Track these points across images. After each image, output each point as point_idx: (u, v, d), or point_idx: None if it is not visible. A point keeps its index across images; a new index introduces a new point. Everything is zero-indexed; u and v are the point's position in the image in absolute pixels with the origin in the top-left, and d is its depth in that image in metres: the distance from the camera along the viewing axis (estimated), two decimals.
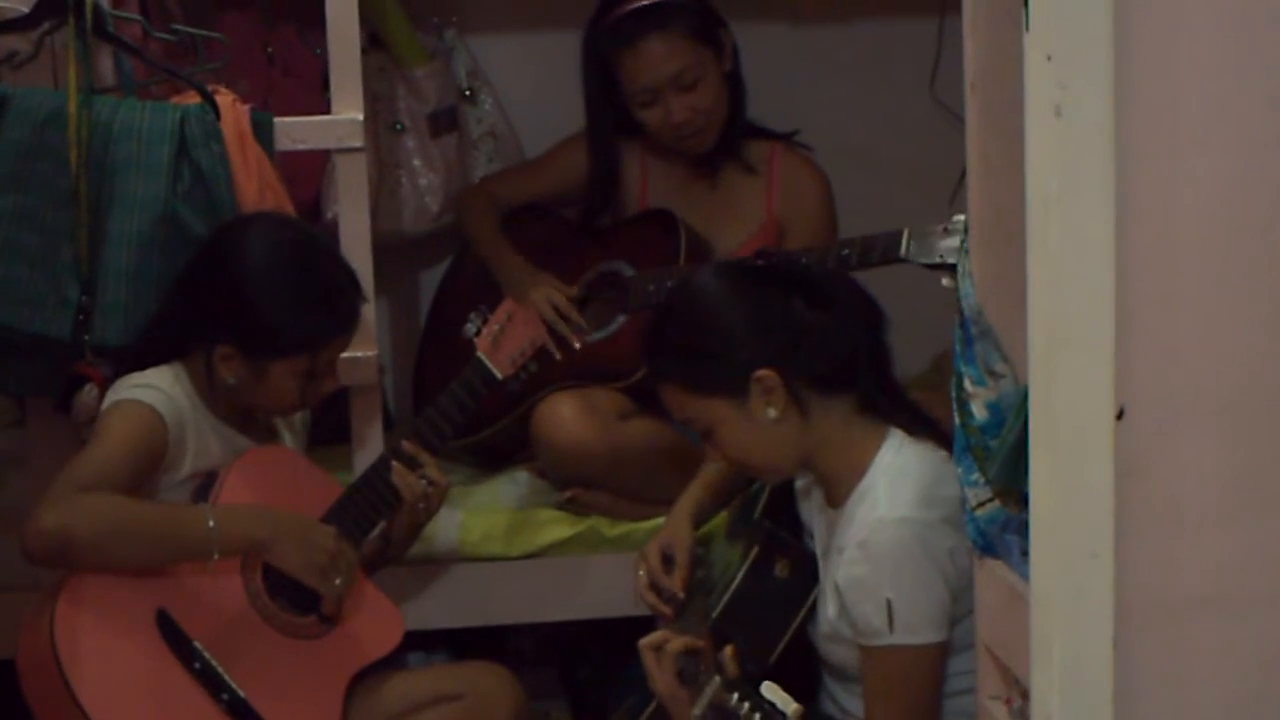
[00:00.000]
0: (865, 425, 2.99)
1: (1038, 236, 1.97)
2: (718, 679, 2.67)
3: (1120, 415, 1.98)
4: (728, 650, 2.71)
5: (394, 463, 3.37)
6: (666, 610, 3.25)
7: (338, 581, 3.16)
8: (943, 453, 2.92)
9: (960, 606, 2.87)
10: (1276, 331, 2.00)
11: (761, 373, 2.92)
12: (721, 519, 3.45)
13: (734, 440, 2.97)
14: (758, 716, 2.58)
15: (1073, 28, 1.90)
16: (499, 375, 3.44)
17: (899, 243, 3.42)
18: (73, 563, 3.03)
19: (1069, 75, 1.91)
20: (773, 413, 2.93)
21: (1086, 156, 1.91)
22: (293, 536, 3.12)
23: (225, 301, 3.17)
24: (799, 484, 3.18)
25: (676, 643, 2.84)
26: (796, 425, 2.95)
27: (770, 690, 2.59)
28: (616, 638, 3.12)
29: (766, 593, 3.12)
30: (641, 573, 3.30)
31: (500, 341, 3.46)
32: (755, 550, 3.16)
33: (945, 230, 3.32)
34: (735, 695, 2.63)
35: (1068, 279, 1.94)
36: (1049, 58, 1.91)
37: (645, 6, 3.91)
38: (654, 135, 3.99)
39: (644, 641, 2.90)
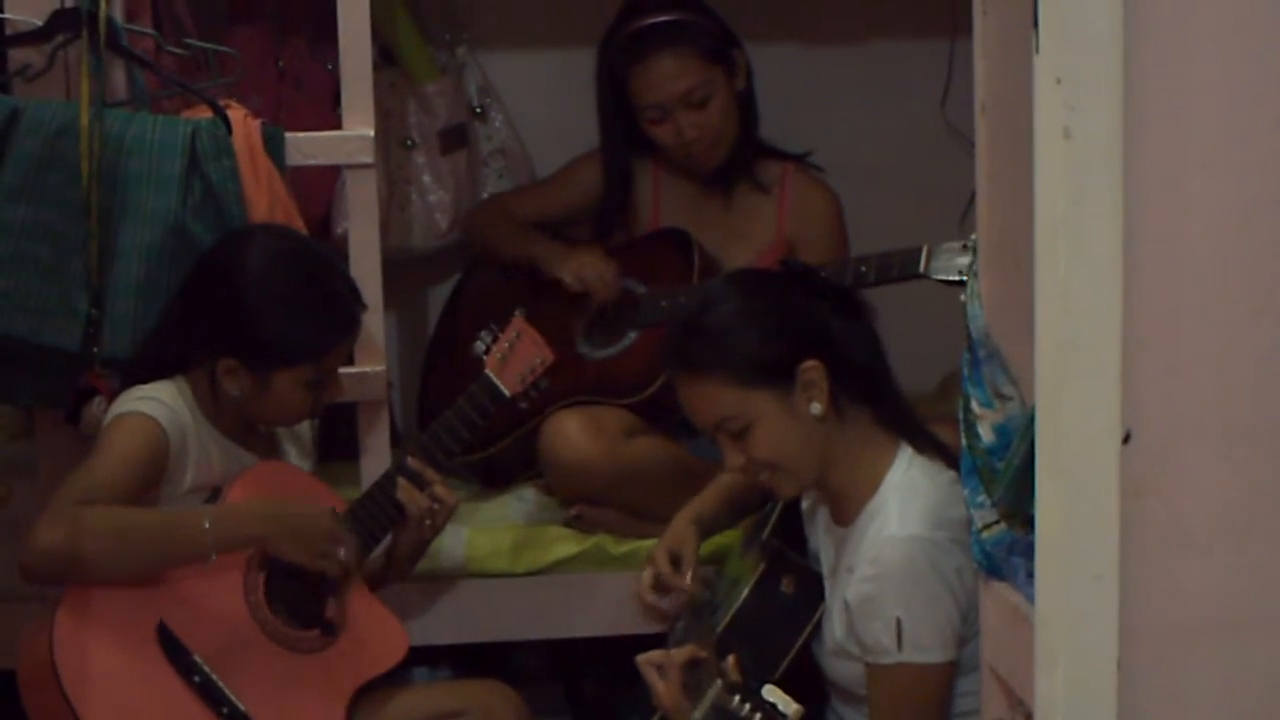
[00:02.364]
0: (881, 439, 3.00)
1: (1046, 258, 1.97)
2: (719, 682, 2.68)
3: (1127, 438, 1.98)
4: (730, 659, 2.72)
5: (399, 479, 3.37)
6: (663, 607, 3.24)
7: (341, 555, 3.15)
8: (951, 473, 2.93)
9: (970, 626, 2.87)
10: None
11: (809, 363, 2.92)
12: (735, 538, 3.45)
13: (771, 438, 2.94)
14: (759, 717, 2.59)
15: (1082, 50, 1.90)
16: (507, 393, 3.44)
17: (918, 259, 3.42)
18: (73, 578, 3.02)
19: (1078, 97, 1.91)
20: (817, 408, 2.92)
21: (1095, 178, 1.92)
22: (288, 527, 3.11)
23: (226, 315, 3.18)
24: (804, 505, 3.18)
25: (681, 653, 2.83)
26: (831, 428, 2.95)
27: (771, 692, 2.60)
28: (622, 655, 3.11)
29: (772, 609, 3.12)
30: (647, 573, 3.29)
31: (509, 359, 3.45)
32: (762, 567, 3.16)
33: (964, 247, 3.32)
34: (737, 697, 2.63)
35: (1075, 301, 1.94)
36: (1059, 80, 1.91)
37: (658, 23, 3.91)
38: (664, 151, 4.00)
39: (642, 658, 2.89)
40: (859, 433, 2.99)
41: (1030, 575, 2.14)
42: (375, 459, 3.62)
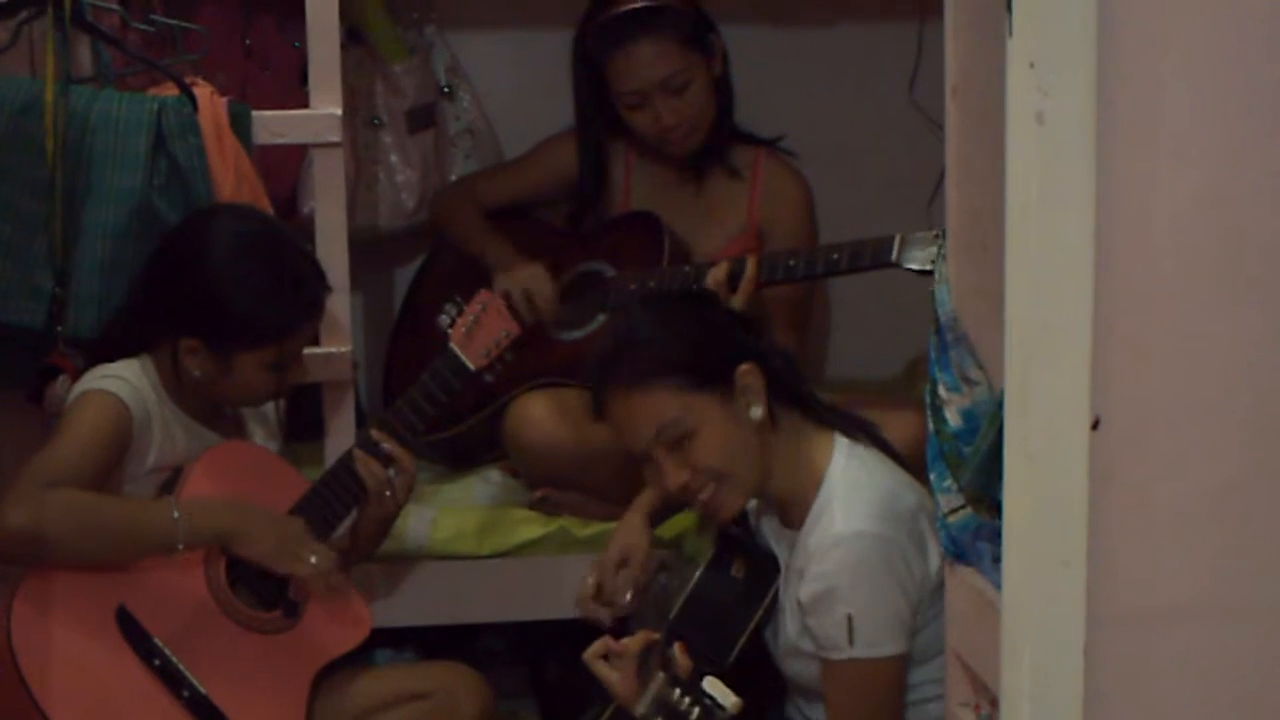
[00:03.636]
0: (814, 435, 3.01)
1: (1016, 243, 1.97)
2: (661, 674, 2.67)
3: (1096, 424, 1.98)
4: (676, 646, 2.71)
5: (357, 451, 3.35)
6: (603, 620, 3.23)
7: (313, 560, 3.14)
8: (889, 460, 2.95)
9: (920, 617, 2.88)
10: (1253, 342, 2.00)
11: (745, 367, 2.92)
12: (694, 517, 3.45)
13: (717, 443, 2.92)
14: (697, 711, 2.58)
15: (1056, 35, 1.90)
16: (471, 366, 3.42)
17: (890, 248, 3.42)
18: (37, 560, 3.01)
19: (1051, 82, 1.91)
20: (757, 411, 2.92)
21: (1067, 163, 1.91)
22: (259, 528, 3.11)
23: (189, 295, 3.16)
24: (751, 505, 3.15)
25: (635, 642, 2.83)
26: (768, 434, 2.95)
27: (712, 685, 2.59)
28: (586, 639, 3.11)
29: (723, 593, 3.12)
30: (591, 580, 3.29)
31: (474, 333, 3.43)
32: (711, 551, 3.16)
33: (937, 237, 3.31)
34: (677, 690, 2.62)
35: (1046, 286, 1.94)
36: (1031, 64, 1.91)
37: (636, 10, 3.90)
38: (641, 137, 3.99)
39: (589, 654, 2.87)
40: (793, 434, 2.99)
41: (997, 560, 2.14)
42: (340, 439, 3.61)
